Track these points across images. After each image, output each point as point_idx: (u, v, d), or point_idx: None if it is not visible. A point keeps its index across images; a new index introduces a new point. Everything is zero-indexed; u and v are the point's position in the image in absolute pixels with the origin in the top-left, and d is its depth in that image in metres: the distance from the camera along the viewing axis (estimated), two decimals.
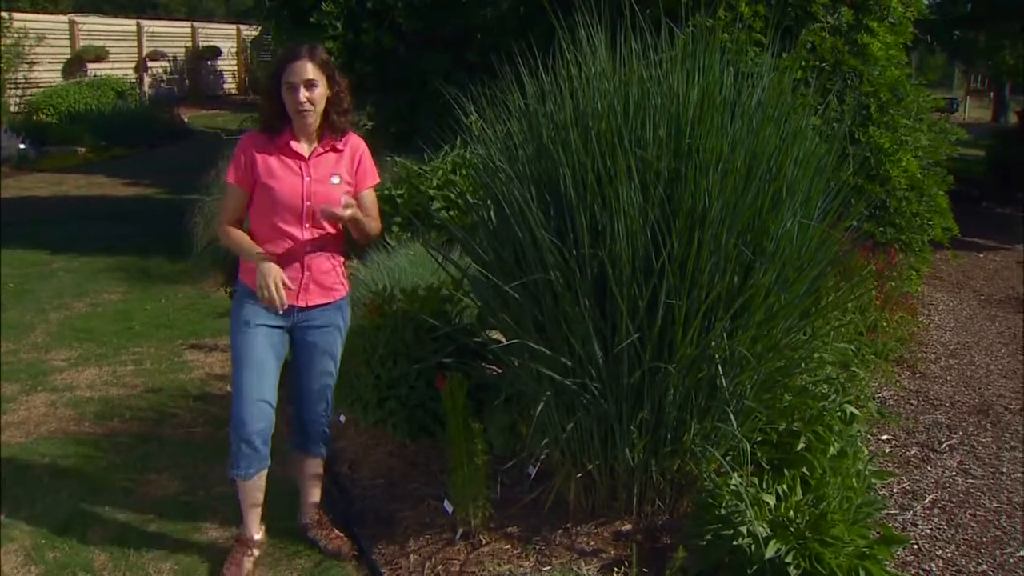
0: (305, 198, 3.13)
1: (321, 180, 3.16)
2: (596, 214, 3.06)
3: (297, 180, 3.13)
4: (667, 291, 3.02)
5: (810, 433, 3.48)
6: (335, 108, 3.17)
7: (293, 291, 3.17)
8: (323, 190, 3.15)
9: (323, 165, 3.18)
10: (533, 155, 3.29)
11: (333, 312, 3.33)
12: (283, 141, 3.15)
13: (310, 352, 3.32)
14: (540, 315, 3.24)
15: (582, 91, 3.28)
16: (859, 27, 6.70)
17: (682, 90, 3.19)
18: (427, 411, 4.03)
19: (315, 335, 3.30)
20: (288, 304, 3.13)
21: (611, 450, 3.41)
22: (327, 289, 3.28)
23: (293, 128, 3.15)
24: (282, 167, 3.14)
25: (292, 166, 3.14)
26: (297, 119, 3.11)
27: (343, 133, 3.23)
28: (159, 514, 3.70)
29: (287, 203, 3.12)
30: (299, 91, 3.06)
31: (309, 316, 3.27)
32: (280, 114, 3.13)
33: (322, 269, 3.25)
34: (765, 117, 3.26)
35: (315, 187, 3.15)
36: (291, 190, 3.12)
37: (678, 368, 3.14)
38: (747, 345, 3.15)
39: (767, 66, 3.49)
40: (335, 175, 3.19)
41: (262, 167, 3.13)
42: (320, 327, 3.29)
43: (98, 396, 4.92)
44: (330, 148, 3.21)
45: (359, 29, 7.58)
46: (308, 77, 3.06)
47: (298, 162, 3.15)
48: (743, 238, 3.11)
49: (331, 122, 3.18)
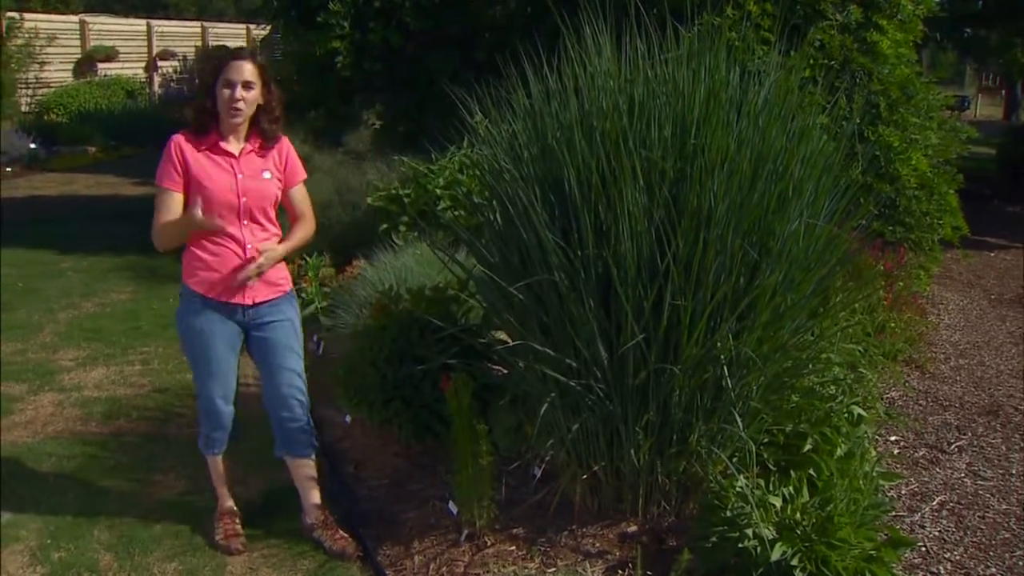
0: (240, 194, 3.18)
1: (253, 176, 3.21)
2: (601, 215, 3.04)
3: (230, 177, 3.18)
4: (672, 292, 3.00)
5: (817, 435, 3.45)
6: (267, 115, 3.23)
7: (239, 290, 3.24)
8: (255, 186, 3.21)
9: (253, 162, 3.23)
10: (538, 155, 3.27)
11: (281, 305, 3.36)
12: (212, 141, 3.19)
13: (270, 353, 3.36)
14: (545, 316, 3.22)
15: (587, 91, 3.26)
16: (868, 25, 6.66)
17: (688, 89, 3.17)
18: (432, 412, 4.02)
19: (269, 331, 3.34)
20: (235, 303, 3.24)
21: (617, 451, 3.40)
22: (272, 284, 3.32)
23: (221, 128, 3.19)
24: (213, 165, 3.17)
25: (223, 164, 3.19)
26: (227, 116, 3.15)
27: (275, 140, 3.29)
28: (164, 515, 3.70)
29: (223, 201, 3.16)
30: (236, 88, 3.11)
31: (258, 313, 3.31)
32: (211, 112, 3.18)
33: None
34: (771, 116, 3.24)
35: (248, 183, 3.20)
36: (225, 188, 3.16)
37: (683, 369, 3.12)
38: (753, 346, 3.14)
39: (773, 65, 3.46)
40: (266, 171, 3.25)
41: (195, 167, 3.16)
42: (272, 323, 3.33)
43: (105, 396, 4.93)
44: (258, 146, 3.26)
45: (366, 28, 7.58)
46: (247, 78, 3.12)
47: (228, 160, 3.20)
48: (749, 238, 3.09)
49: (262, 129, 3.24)
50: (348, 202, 7.04)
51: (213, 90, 3.15)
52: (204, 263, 3.22)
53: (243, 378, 3.70)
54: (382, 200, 6.42)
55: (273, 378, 3.39)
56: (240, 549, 3.44)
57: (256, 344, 3.37)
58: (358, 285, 5.29)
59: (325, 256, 6.29)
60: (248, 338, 3.37)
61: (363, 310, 4.87)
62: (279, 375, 3.38)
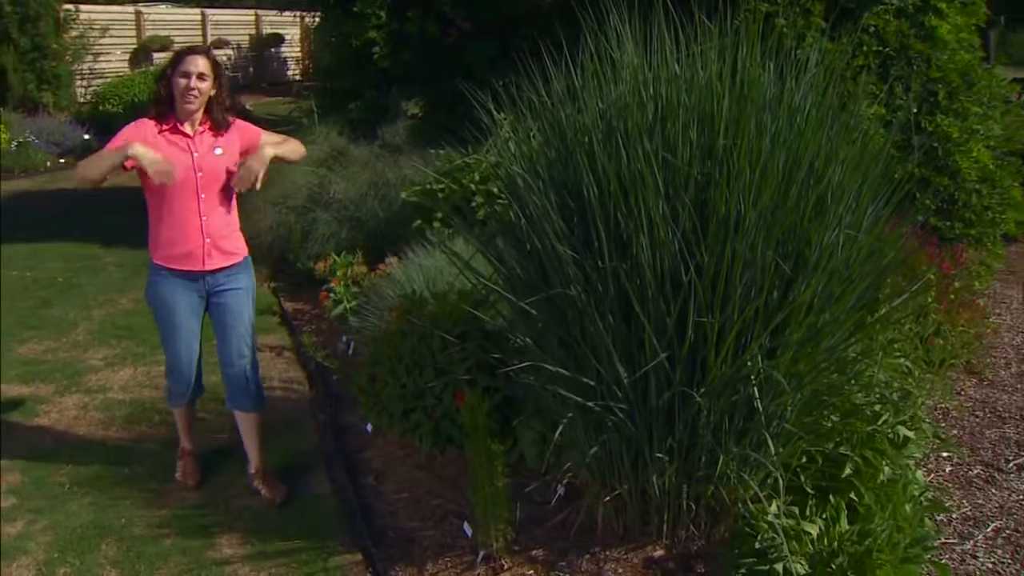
0: (196, 170, 3.52)
1: (206, 154, 3.56)
2: (620, 223, 2.83)
3: (187, 156, 3.52)
4: (697, 308, 2.78)
5: (858, 457, 3.21)
6: (218, 105, 3.62)
7: (198, 259, 3.58)
8: (209, 162, 3.56)
9: (206, 140, 3.59)
10: (555, 159, 3.07)
11: (237, 273, 3.72)
12: (169, 125, 3.54)
13: (224, 316, 3.71)
14: (565, 333, 3.03)
15: (606, 87, 3.05)
16: (926, 9, 6.30)
17: (717, 86, 2.94)
18: (454, 423, 3.84)
19: (226, 298, 3.69)
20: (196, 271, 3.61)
21: (642, 472, 3.20)
22: (228, 253, 3.67)
23: (177, 115, 3.54)
24: (171, 146, 3.50)
25: (180, 143, 3.53)
26: (183, 103, 3.51)
27: (226, 127, 3.66)
28: (175, 528, 3.59)
29: (182, 177, 3.46)
30: (192, 79, 3.49)
31: (216, 280, 3.66)
32: (170, 101, 3.54)
33: (221, 234, 3.63)
34: (809, 115, 2.99)
35: (203, 160, 3.55)
36: (184, 165, 3.49)
37: (710, 390, 2.91)
38: (787, 365, 2.90)
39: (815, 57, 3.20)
40: (217, 147, 3.60)
41: (154, 145, 3.44)
42: (229, 290, 3.69)
43: (130, 399, 4.86)
44: (210, 127, 3.62)
45: (403, 18, 7.42)
46: (201, 70, 3.51)
47: (184, 139, 3.55)
48: (783, 249, 2.86)
49: (214, 118, 3.62)
50: (383, 196, 6.89)
51: (170, 81, 3.52)
52: (168, 238, 3.57)
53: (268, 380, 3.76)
54: (416, 195, 6.25)
55: (226, 341, 3.73)
56: (191, 484, 3.90)
57: (214, 309, 3.72)
58: (387, 285, 5.13)
59: (357, 253, 6.15)
60: (208, 304, 3.72)
61: (390, 313, 4.71)
62: (233, 340, 3.72)
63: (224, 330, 3.72)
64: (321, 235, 6.79)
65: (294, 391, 4.99)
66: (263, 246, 6.93)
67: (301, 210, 7.06)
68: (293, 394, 4.94)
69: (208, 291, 3.67)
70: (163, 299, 3.63)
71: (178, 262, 3.59)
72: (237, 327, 3.71)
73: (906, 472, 3.24)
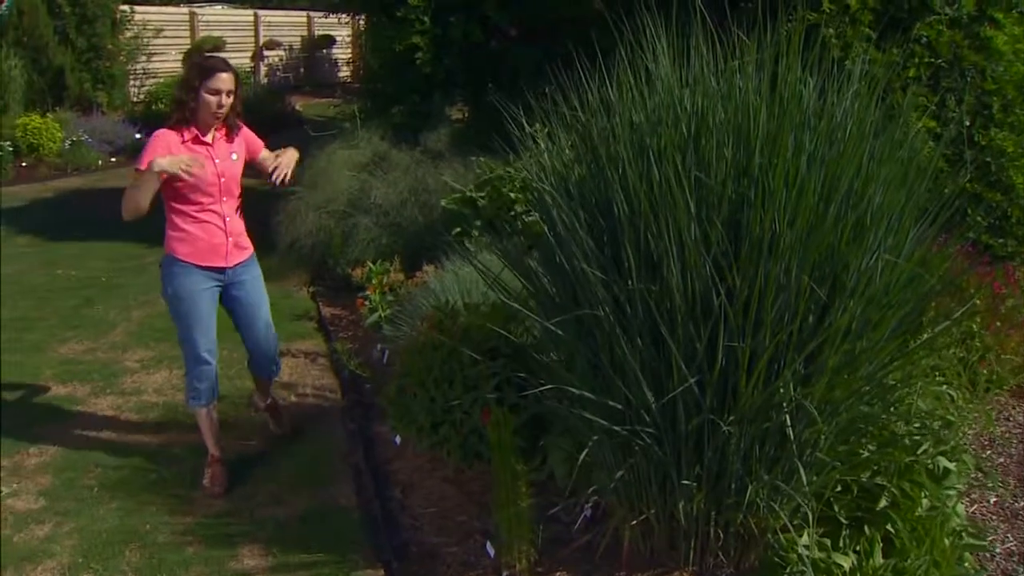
0: (219, 176, 3.80)
1: (225, 159, 3.84)
2: (651, 244, 2.75)
3: (210, 163, 3.76)
4: (728, 333, 2.69)
5: (895, 489, 3.09)
6: (234, 112, 3.87)
7: (222, 255, 3.87)
8: (228, 167, 3.85)
9: (223, 147, 3.86)
10: (586, 174, 3.00)
11: (250, 265, 4.05)
12: (191, 135, 3.76)
13: (248, 302, 4.03)
14: (593, 354, 2.95)
15: (639, 101, 2.97)
16: (982, 18, 6.11)
17: (754, 101, 2.84)
18: (482, 438, 3.78)
19: (246, 286, 4.01)
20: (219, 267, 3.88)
21: (670, 497, 3.11)
22: (244, 248, 4.01)
23: (199, 125, 3.76)
24: (195, 156, 3.68)
25: (202, 153, 3.75)
26: (210, 119, 3.76)
27: (237, 131, 3.94)
28: (199, 536, 3.58)
29: (207, 183, 3.74)
30: (221, 97, 3.72)
31: (235, 274, 3.96)
32: (194, 111, 3.73)
33: (237, 231, 3.96)
34: (850, 133, 2.89)
35: (223, 166, 3.82)
36: (208, 172, 3.74)
37: (741, 417, 2.81)
38: (821, 393, 2.80)
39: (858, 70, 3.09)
40: (233, 153, 3.90)
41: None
42: (247, 279, 4.02)
43: (163, 402, 4.88)
44: (224, 134, 3.89)
45: (447, 23, 7.38)
46: (229, 88, 3.73)
47: (205, 148, 3.78)
48: (818, 272, 2.76)
49: (228, 124, 3.88)
50: (424, 202, 6.86)
51: (197, 93, 3.71)
52: (193, 235, 3.81)
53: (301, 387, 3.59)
54: (456, 203, 6.21)
55: (254, 324, 4.08)
56: (219, 492, 3.92)
57: (235, 299, 4.02)
58: (422, 294, 5.09)
59: (395, 260, 6.12)
60: (225, 296, 4.00)
61: (421, 323, 4.67)
62: (258, 320, 4.08)
63: (250, 315, 4.05)
64: (361, 240, 6.78)
65: (326, 399, 4.97)
66: (303, 250, 6.95)
67: (342, 215, 7.06)
68: (325, 402, 4.93)
69: (226, 283, 3.96)
70: (188, 291, 3.82)
71: (205, 259, 3.83)
72: (262, 308, 4.08)
73: (946, 505, 3.12)
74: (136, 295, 6.85)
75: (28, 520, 3.71)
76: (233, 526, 3.66)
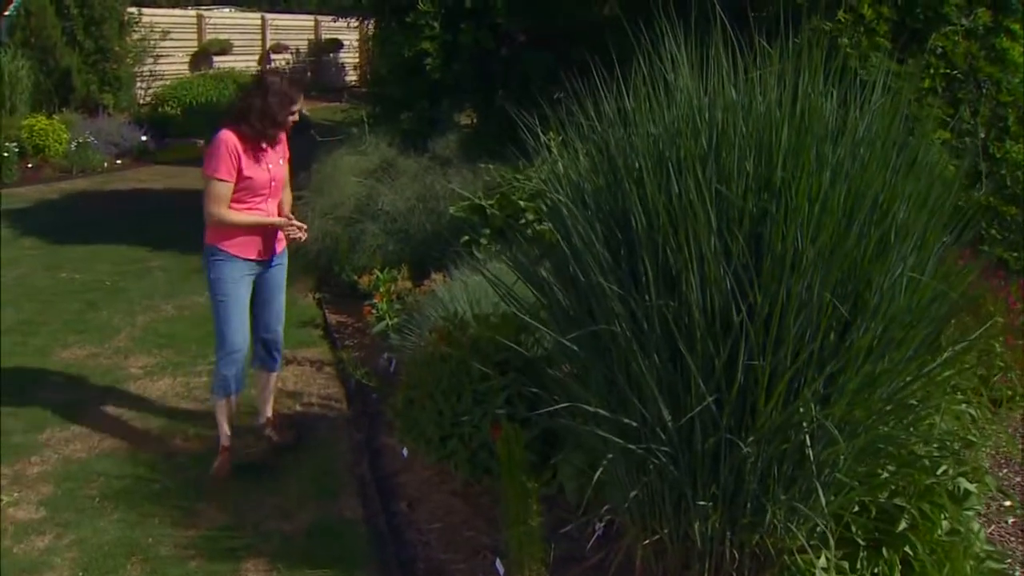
0: (271, 180, 4.20)
1: (275, 165, 4.23)
2: (669, 259, 2.68)
3: (265, 169, 4.16)
4: (749, 350, 2.62)
5: (915, 510, 3.02)
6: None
7: (261, 248, 4.22)
8: (277, 171, 4.25)
9: (273, 154, 4.22)
10: (603, 186, 2.93)
11: (282, 255, 4.41)
12: (255, 141, 4.11)
13: (272, 288, 4.37)
14: (609, 369, 2.89)
15: (657, 112, 2.91)
16: (998, 30, 6.04)
17: (775, 114, 2.78)
18: (491, 453, 3.71)
19: (273, 273, 4.35)
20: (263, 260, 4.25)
21: (684, 516, 3.04)
22: (281, 240, 4.36)
23: (264, 135, 4.11)
24: (255, 161, 4.11)
25: (261, 158, 4.14)
26: (280, 130, 4.17)
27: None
28: (202, 550, 3.52)
29: (262, 185, 4.15)
30: (295, 115, 4.20)
31: (270, 262, 4.32)
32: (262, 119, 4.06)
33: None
34: (874, 146, 2.82)
35: (275, 171, 4.22)
36: (265, 177, 4.16)
37: (759, 436, 2.74)
38: (842, 413, 2.73)
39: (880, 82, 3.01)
40: (281, 158, 4.30)
41: (244, 163, 4.07)
42: (275, 266, 4.36)
43: (166, 410, 4.82)
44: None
45: (457, 29, 7.32)
46: (300, 106, 4.22)
47: (262, 154, 4.15)
48: (841, 290, 2.69)
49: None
50: (431, 209, 6.80)
51: (271, 104, 4.07)
52: (245, 232, 4.15)
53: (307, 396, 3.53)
54: (464, 210, 6.15)
55: (270, 308, 4.37)
56: (224, 477, 4.13)
57: (264, 284, 4.33)
58: (430, 304, 5.03)
59: (402, 268, 6.06)
60: (258, 280, 4.30)
61: (430, 334, 4.60)
62: (273, 306, 4.39)
63: (269, 297, 4.35)
64: (368, 247, 6.73)
65: (332, 408, 4.91)
66: (309, 255, 6.88)
67: (348, 221, 7.00)
68: (331, 411, 4.87)
69: (260, 272, 4.28)
70: (232, 278, 4.14)
71: (252, 252, 4.19)
72: (279, 297, 4.40)
73: (967, 527, 3.04)
74: (140, 300, 6.80)
75: (28, 530, 3.65)
76: (237, 540, 3.59)
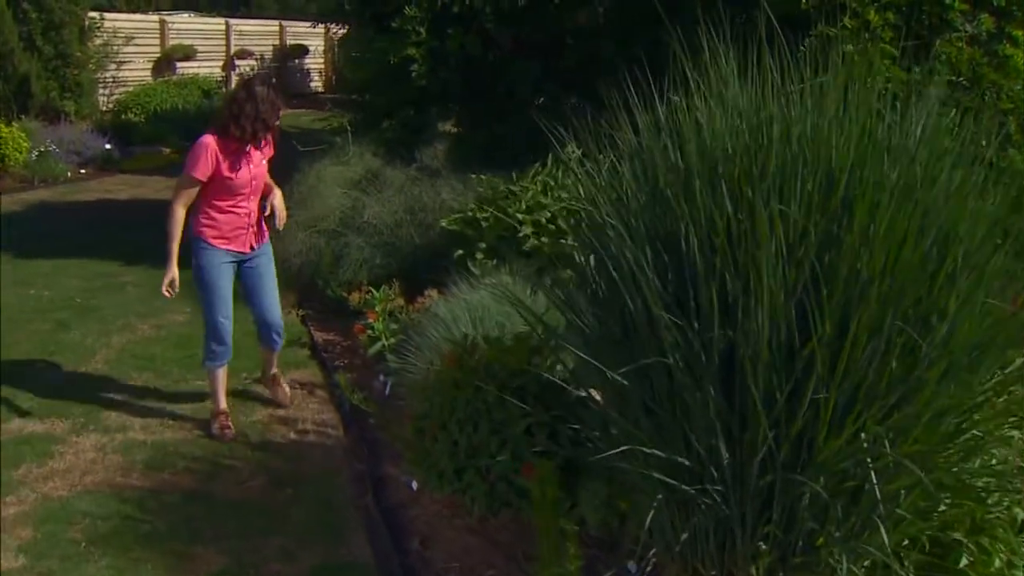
0: (252, 179, 4.55)
1: (257, 164, 4.57)
2: (728, 284, 2.48)
3: (247, 170, 4.50)
4: (815, 382, 2.42)
5: (972, 544, 2.85)
6: None
7: (242, 241, 4.60)
8: (258, 170, 4.59)
9: (255, 154, 4.56)
10: (647, 204, 2.72)
11: (265, 247, 4.76)
12: (241, 145, 4.44)
13: (261, 276, 4.73)
14: (650, 401, 2.67)
15: (708, 126, 2.70)
16: (1001, 36, 5.94)
17: (835, 129, 2.58)
18: (511, 485, 3.48)
19: (259, 263, 4.72)
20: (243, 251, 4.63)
21: (729, 556, 2.83)
22: (262, 233, 4.74)
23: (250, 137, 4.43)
24: (236, 163, 4.46)
25: (243, 159, 4.48)
26: (266, 133, 4.52)
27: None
28: None
29: (243, 184, 4.51)
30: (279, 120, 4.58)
31: (252, 254, 4.67)
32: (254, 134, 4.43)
33: (257, 221, 4.68)
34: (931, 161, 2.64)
35: (256, 170, 4.57)
36: (245, 176, 4.50)
37: (817, 472, 2.55)
38: (907, 446, 2.54)
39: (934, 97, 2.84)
40: (263, 158, 4.63)
41: (224, 165, 4.41)
42: (260, 256, 4.73)
43: (151, 440, 4.51)
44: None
45: (444, 35, 7.09)
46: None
47: (244, 155, 4.48)
48: (908, 317, 2.50)
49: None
50: (420, 222, 6.56)
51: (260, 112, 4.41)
52: (220, 223, 4.52)
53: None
54: (457, 223, 5.91)
55: (265, 294, 4.75)
56: (231, 436, 4.54)
57: (249, 274, 4.71)
58: (429, 323, 4.78)
59: (395, 284, 5.81)
60: (240, 270, 4.68)
61: (434, 355, 4.36)
62: (268, 292, 4.76)
63: (262, 287, 4.72)
64: (353, 260, 6.47)
65: (328, 436, 4.64)
66: (291, 270, 6.59)
67: (332, 234, 6.73)
68: (327, 439, 4.59)
69: (242, 262, 4.64)
70: (216, 269, 4.52)
71: (233, 244, 4.56)
72: (268, 283, 4.75)
73: None
74: (114, 319, 6.45)
75: None
76: None
